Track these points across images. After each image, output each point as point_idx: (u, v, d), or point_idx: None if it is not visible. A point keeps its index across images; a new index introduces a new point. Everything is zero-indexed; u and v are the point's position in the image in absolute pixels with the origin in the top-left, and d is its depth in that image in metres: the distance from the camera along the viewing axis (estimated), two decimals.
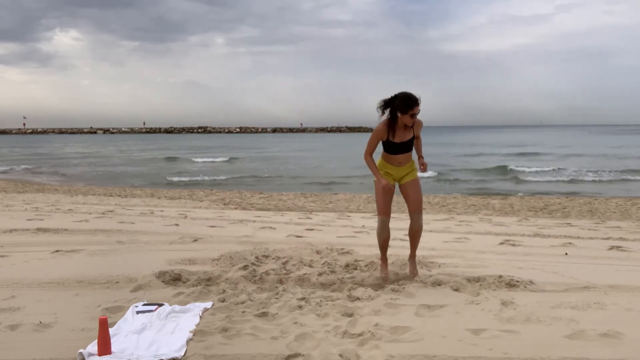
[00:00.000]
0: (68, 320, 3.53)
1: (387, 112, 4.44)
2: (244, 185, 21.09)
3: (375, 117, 4.47)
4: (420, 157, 4.69)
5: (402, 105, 4.32)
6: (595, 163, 30.77)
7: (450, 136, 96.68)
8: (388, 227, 4.65)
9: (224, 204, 13.03)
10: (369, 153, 4.57)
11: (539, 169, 27.06)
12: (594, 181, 22.06)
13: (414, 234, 4.73)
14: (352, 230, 7.85)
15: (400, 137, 4.47)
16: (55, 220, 8.10)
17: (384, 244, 4.70)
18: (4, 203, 11.27)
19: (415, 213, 4.66)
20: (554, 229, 8.44)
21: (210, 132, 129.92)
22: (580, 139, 73.23)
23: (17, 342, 3.18)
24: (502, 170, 26.98)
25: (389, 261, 5.35)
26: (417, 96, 4.35)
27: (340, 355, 3.03)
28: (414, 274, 4.73)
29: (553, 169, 27.10)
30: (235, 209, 12.02)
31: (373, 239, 6.94)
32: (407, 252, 5.86)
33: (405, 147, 4.52)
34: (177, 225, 7.94)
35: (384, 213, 4.61)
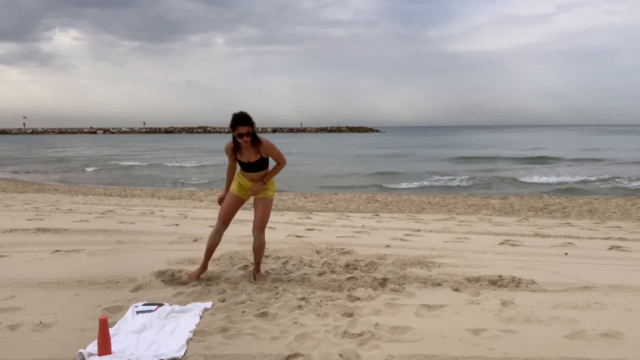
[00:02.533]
0: (68, 320, 3.53)
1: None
2: None
3: (373, 117, 4.40)
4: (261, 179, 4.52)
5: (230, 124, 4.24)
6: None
7: (450, 137, 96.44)
8: (221, 235, 4.59)
9: None
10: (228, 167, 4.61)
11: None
12: None
13: (256, 251, 4.60)
14: (352, 230, 7.85)
15: (246, 156, 4.41)
16: (55, 220, 8.10)
17: (210, 249, 4.60)
18: (4, 203, 11.27)
19: (256, 230, 4.56)
20: (554, 229, 8.44)
21: (210, 132, 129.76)
22: (587, 140, 71.59)
23: (17, 342, 3.18)
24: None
25: (389, 261, 5.35)
26: (243, 116, 4.18)
27: (340, 355, 3.03)
28: (258, 282, 4.53)
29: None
30: None
31: (373, 239, 6.95)
32: (408, 252, 5.89)
33: (252, 167, 4.44)
34: (177, 225, 7.94)
35: (221, 220, 4.58)
